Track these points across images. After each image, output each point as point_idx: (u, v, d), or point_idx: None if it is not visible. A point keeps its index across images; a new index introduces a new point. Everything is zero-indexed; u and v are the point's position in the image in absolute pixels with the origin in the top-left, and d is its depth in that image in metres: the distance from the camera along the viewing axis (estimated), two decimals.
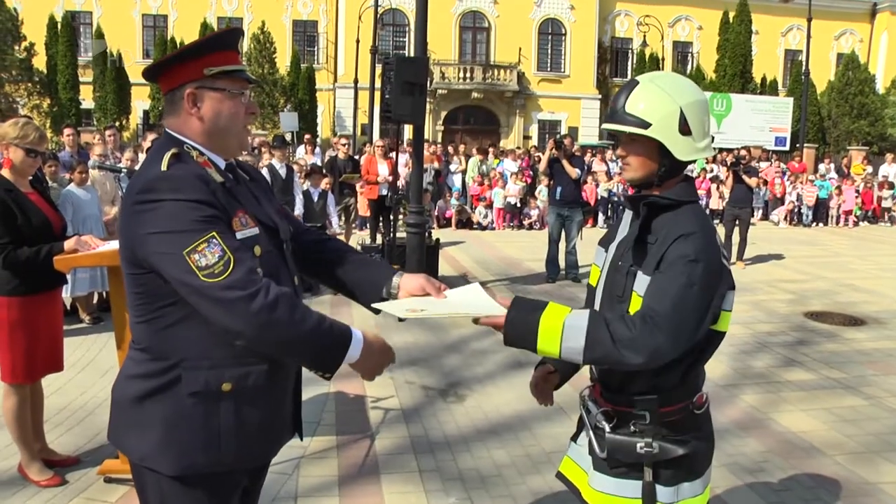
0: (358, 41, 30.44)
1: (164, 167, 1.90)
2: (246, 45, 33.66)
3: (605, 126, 2.24)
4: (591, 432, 2.29)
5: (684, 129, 2.13)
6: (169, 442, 1.97)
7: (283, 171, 8.88)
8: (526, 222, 17.50)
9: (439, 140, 30.06)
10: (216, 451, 2.01)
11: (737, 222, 11.97)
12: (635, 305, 2.10)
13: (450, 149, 20.75)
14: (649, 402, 2.17)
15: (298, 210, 8.90)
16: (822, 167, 22.26)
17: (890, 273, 11.79)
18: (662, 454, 2.15)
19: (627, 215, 2.34)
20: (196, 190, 1.89)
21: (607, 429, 2.22)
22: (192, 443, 1.99)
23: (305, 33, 37.40)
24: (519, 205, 17.58)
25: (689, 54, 39.76)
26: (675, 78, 2.24)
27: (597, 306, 2.32)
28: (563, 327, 2.00)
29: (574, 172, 10.11)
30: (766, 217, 19.92)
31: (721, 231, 12.09)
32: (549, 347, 2.01)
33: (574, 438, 2.47)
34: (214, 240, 1.84)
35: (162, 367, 1.98)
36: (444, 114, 36.72)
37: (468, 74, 36.11)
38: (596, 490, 2.25)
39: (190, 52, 2.03)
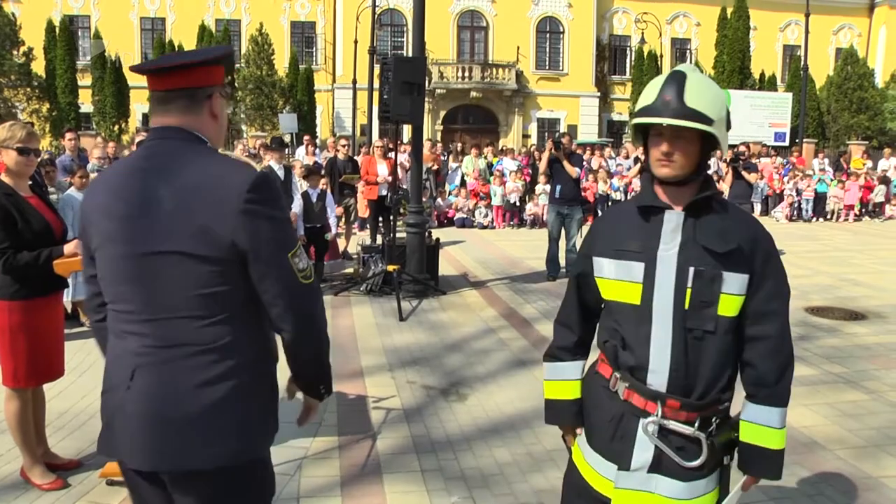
0: (356, 42, 30.44)
1: (256, 168, 2.12)
2: (244, 46, 33.72)
3: (668, 121, 2.08)
4: (669, 449, 2.18)
5: (729, 124, 2.18)
6: (265, 427, 2.12)
7: (280, 173, 8.88)
8: (526, 216, 17.48)
9: (439, 139, 30.02)
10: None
11: None
12: (724, 305, 2.14)
13: (450, 146, 20.77)
14: (727, 394, 2.23)
15: (297, 210, 8.89)
16: (815, 162, 22.25)
17: (890, 267, 11.78)
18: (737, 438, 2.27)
19: (670, 220, 2.18)
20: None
21: (703, 436, 2.18)
22: (271, 421, 2.15)
23: (303, 34, 37.42)
24: (518, 203, 17.59)
25: (688, 51, 39.73)
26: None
27: (658, 321, 2.16)
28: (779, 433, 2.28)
29: (574, 172, 10.12)
30: (765, 213, 19.91)
31: None
32: (779, 440, 2.30)
33: (624, 467, 2.25)
34: (301, 249, 2.05)
35: (249, 360, 2.02)
36: (442, 113, 36.74)
37: (466, 74, 36.11)
38: (673, 499, 2.21)
39: (225, 57, 2.17)
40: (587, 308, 2.44)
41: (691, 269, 2.13)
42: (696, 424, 2.17)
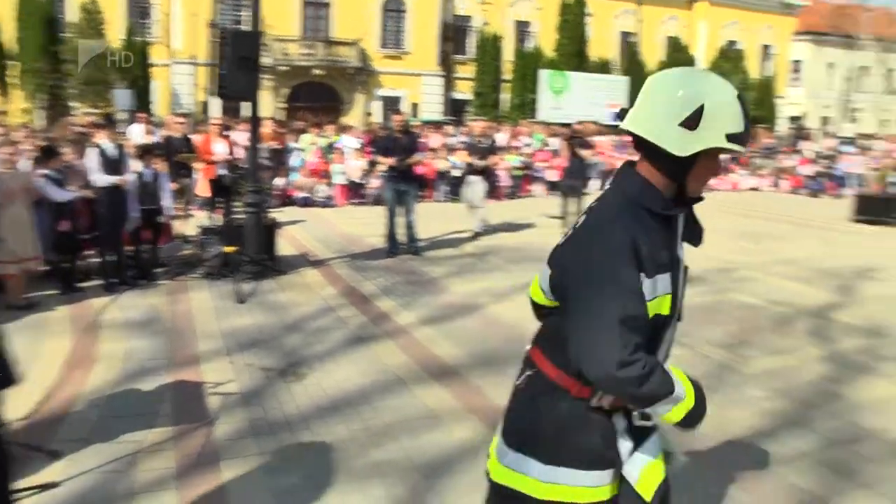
0: (195, 14, 29.26)
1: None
2: (76, 16, 31.66)
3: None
4: (639, 420, 2.21)
5: None
6: None
7: (115, 152, 8.43)
8: (367, 190, 17.38)
9: (284, 118, 29.41)
10: None
11: (572, 193, 12.38)
12: None
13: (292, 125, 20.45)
14: None
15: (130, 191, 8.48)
16: None
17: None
18: None
19: (679, 224, 2.20)
20: None
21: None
22: None
23: (138, 4, 35.48)
24: (360, 181, 17.51)
25: (529, 33, 40.74)
26: None
27: (673, 324, 2.21)
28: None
29: (418, 158, 10.56)
30: (603, 188, 20.76)
31: (558, 202, 12.55)
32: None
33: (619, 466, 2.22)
34: None
35: None
36: (286, 91, 36.00)
37: (310, 51, 35.52)
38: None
39: None
40: None
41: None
42: None
